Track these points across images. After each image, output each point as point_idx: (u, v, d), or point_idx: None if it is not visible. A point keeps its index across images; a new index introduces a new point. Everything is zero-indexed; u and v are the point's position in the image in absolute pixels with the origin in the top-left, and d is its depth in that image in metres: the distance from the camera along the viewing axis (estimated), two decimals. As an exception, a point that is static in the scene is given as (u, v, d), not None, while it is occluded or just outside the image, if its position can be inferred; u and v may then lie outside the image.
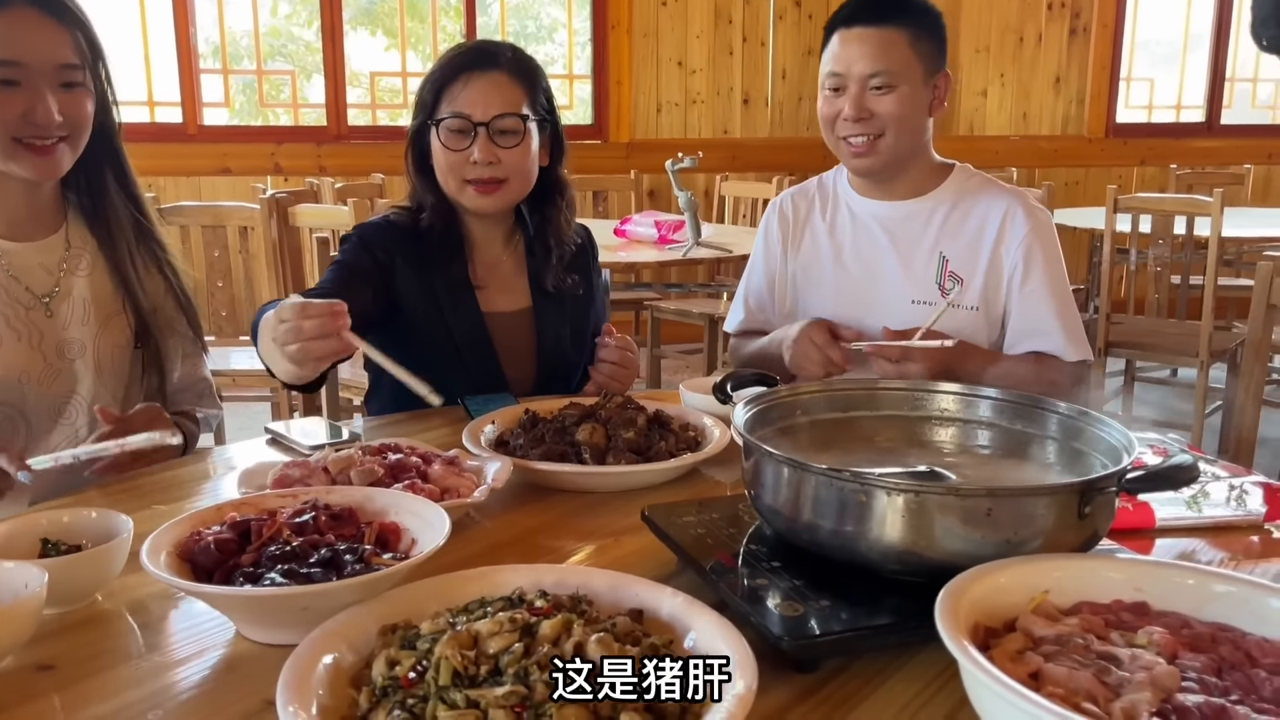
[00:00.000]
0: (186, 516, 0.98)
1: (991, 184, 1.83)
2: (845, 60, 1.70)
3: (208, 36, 5.16)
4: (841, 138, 1.75)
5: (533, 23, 5.76)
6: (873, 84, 1.69)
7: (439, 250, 1.70)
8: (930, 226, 1.80)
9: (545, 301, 1.77)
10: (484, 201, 1.67)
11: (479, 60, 1.65)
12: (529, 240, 1.79)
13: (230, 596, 0.88)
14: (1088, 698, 0.72)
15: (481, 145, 1.62)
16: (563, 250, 1.79)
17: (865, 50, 1.69)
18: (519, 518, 1.24)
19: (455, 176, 1.66)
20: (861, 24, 1.70)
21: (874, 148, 1.73)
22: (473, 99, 1.63)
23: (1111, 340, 3.78)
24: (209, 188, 4.98)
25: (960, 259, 1.77)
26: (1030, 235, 1.75)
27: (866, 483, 0.90)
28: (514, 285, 1.77)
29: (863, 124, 1.71)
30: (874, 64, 1.68)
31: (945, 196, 1.81)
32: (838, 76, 1.72)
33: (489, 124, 1.63)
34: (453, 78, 1.64)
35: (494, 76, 1.64)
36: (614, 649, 0.77)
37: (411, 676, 0.76)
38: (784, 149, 5.64)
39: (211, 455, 1.52)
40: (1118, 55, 6.05)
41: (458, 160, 1.64)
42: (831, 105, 1.74)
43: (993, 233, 1.77)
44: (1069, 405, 1.11)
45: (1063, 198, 5.59)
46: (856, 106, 1.70)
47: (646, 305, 4.44)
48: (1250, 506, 1.18)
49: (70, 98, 1.42)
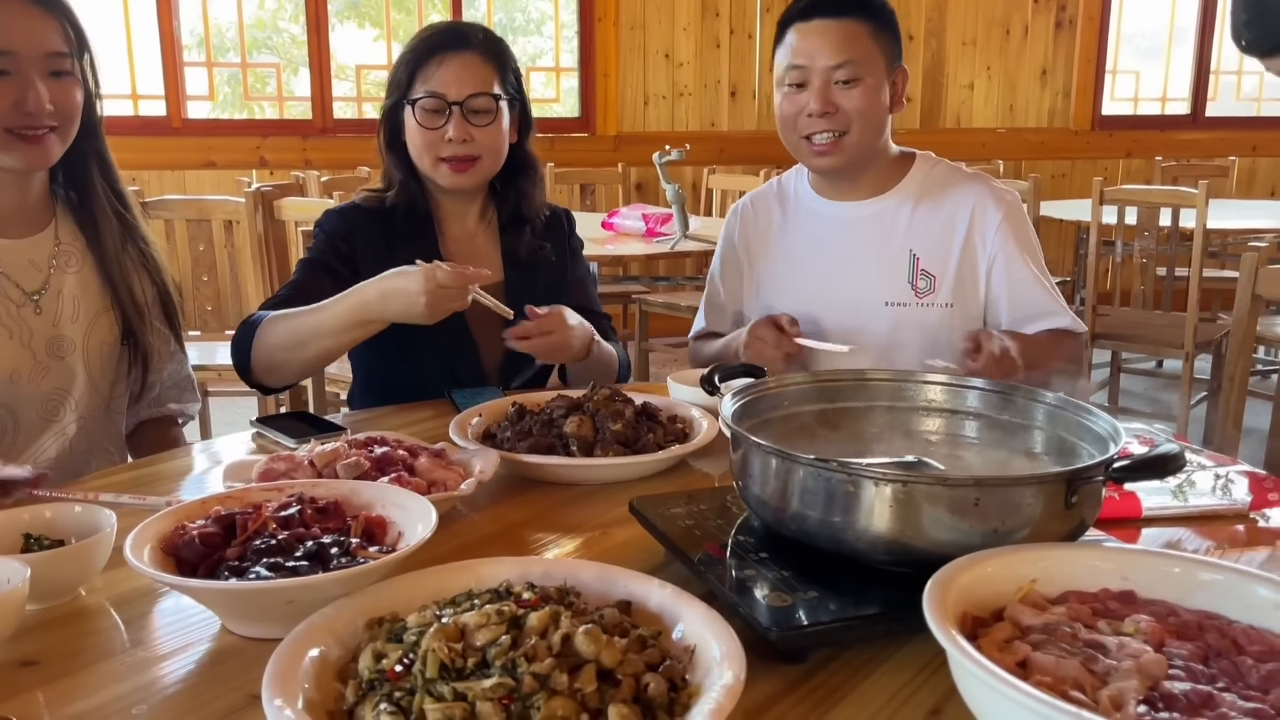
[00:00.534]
0: (170, 510, 0.98)
1: (956, 173, 1.79)
2: (807, 52, 1.65)
3: (192, 29, 5.12)
4: (804, 136, 1.70)
5: (520, 15, 5.73)
6: (838, 76, 1.64)
7: (406, 228, 1.73)
8: (897, 225, 1.75)
9: (518, 275, 1.79)
10: (458, 179, 1.71)
11: (451, 41, 1.69)
12: (502, 216, 1.82)
13: (215, 590, 0.88)
14: (1075, 686, 0.72)
15: (456, 124, 1.66)
16: (535, 222, 1.83)
17: (828, 42, 1.64)
18: (506, 511, 1.23)
19: (430, 154, 1.69)
20: (821, 16, 1.65)
21: (838, 146, 1.68)
22: (447, 79, 1.66)
23: (1098, 332, 3.79)
24: (193, 181, 4.95)
25: (930, 255, 1.73)
26: (1004, 221, 1.72)
27: (854, 473, 0.90)
28: (487, 260, 1.80)
29: (828, 119, 1.66)
30: (838, 54, 1.64)
31: (910, 191, 1.76)
32: (800, 69, 1.66)
33: (463, 103, 1.66)
34: (426, 58, 1.67)
35: (466, 57, 1.68)
36: (601, 641, 0.77)
37: (398, 669, 0.75)
38: (771, 142, 5.57)
39: (196, 450, 1.51)
40: (1103, 48, 6.07)
41: (433, 138, 1.67)
42: (793, 102, 1.69)
43: (963, 224, 1.73)
44: (1056, 395, 1.11)
45: (1049, 190, 5.60)
46: (822, 100, 1.65)
47: (634, 298, 4.43)
48: (1236, 495, 1.19)
49: (59, 86, 1.41)
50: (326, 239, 1.73)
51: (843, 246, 1.78)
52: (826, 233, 1.80)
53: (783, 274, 1.84)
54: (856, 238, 1.77)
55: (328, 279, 1.66)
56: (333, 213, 1.78)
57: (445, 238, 1.78)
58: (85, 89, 1.46)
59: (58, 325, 1.49)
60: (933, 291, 1.73)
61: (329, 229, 1.75)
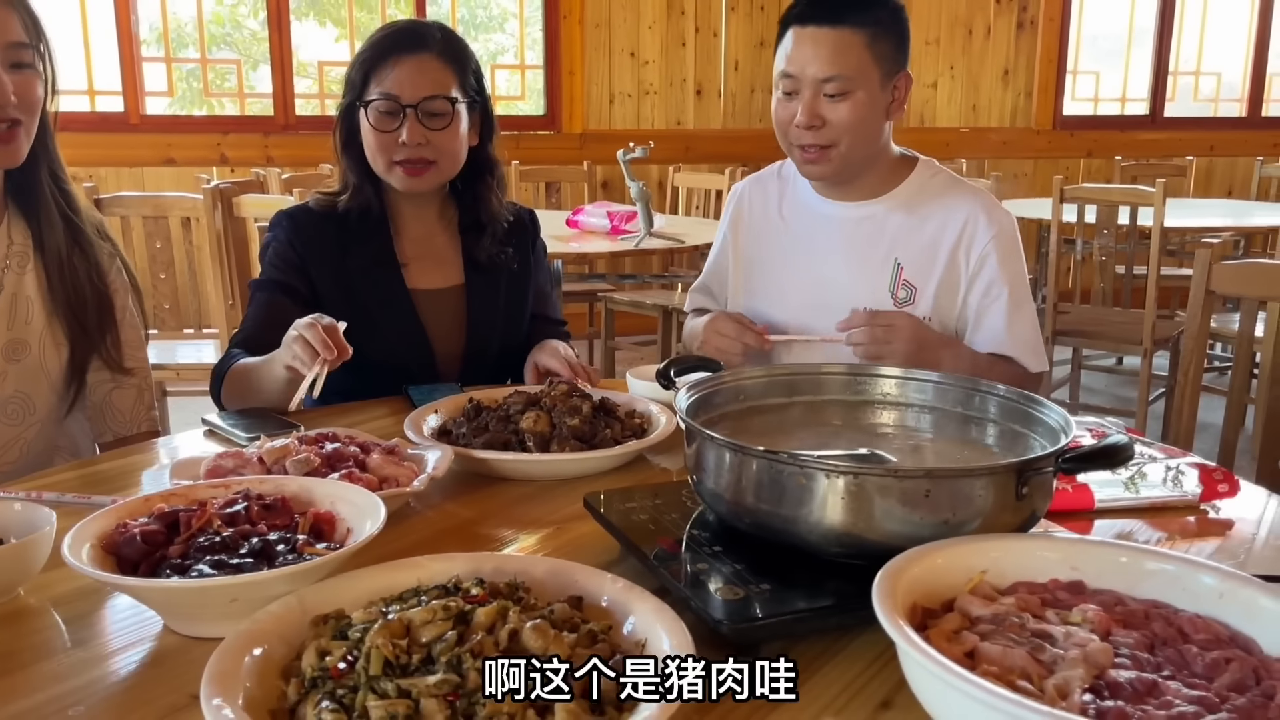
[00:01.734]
0: (112, 508, 0.95)
1: (955, 184, 1.74)
2: (799, 61, 1.60)
3: (150, 23, 5.05)
4: (794, 144, 1.67)
5: (482, 11, 5.71)
6: (826, 89, 1.60)
7: (360, 231, 1.71)
8: (886, 231, 1.72)
9: (479, 278, 1.78)
10: (412, 183, 1.68)
11: (408, 41, 1.65)
12: (463, 218, 1.80)
13: (156, 589, 0.86)
14: (1022, 675, 0.72)
15: (410, 127, 1.63)
16: (495, 226, 1.79)
17: (819, 52, 1.59)
18: (460, 508, 1.22)
19: (384, 157, 1.66)
20: (815, 22, 1.60)
21: (825, 156, 1.64)
22: (401, 81, 1.63)
23: (1058, 329, 3.83)
24: (152, 178, 4.88)
25: (915, 266, 1.69)
26: (992, 242, 1.67)
27: (806, 465, 0.90)
28: (447, 262, 1.78)
29: (814, 132, 1.62)
30: (828, 68, 1.59)
31: (903, 198, 1.72)
32: (791, 79, 1.62)
33: (417, 106, 1.63)
34: (382, 59, 1.64)
35: (423, 58, 1.65)
36: (550, 636, 0.76)
37: (342, 667, 0.74)
38: (737, 140, 5.65)
39: (147, 447, 1.49)
40: (1064, 49, 6.14)
41: (386, 141, 1.64)
42: (785, 109, 1.65)
43: (951, 238, 1.69)
44: (1009, 388, 1.11)
45: (1011, 189, 5.66)
46: (809, 113, 1.61)
47: (600, 297, 4.42)
48: (1186, 487, 1.20)
49: (21, 79, 1.37)
50: (275, 254, 1.71)
51: (830, 246, 1.75)
52: (817, 230, 1.77)
53: (767, 262, 1.82)
54: (844, 239, 1.74)
55: (286, 299, 1.66)
56: (282, 215, 1.75)
57: (401, 239, 1.75)
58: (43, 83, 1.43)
59: (13, 328, 1.46)
60: (912, 303, 1.69)
61: (277, 240, 1.72)
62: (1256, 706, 0.71)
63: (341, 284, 1.69)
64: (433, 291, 1.75)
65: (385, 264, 1.71)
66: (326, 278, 1.69)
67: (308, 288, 1.69)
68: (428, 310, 1.73)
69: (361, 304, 1.66)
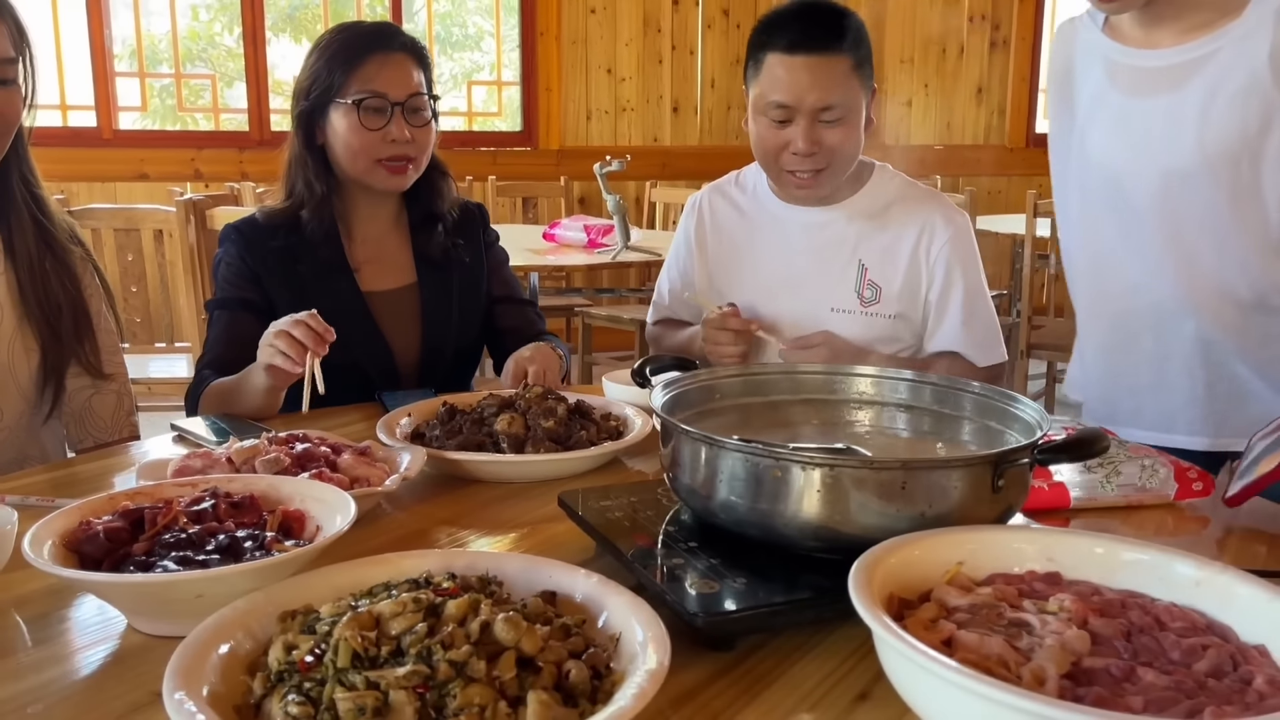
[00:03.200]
0: (75, 506, 0.93)
1: (912, 188, 1.80)
2: (795, 92, 1.60)
3: (124, 39, 5.02)
4: (786, 170, 1.68)
5: (458, 29, 5.71)
6: (824, 117, 1.62)
7: (312, 236, 1.70)
8: (849, 233, 1.76)
9: (430, 275, 1.78)
10: (395, 180, 1.69)
11: (383, 40, 1.66)
12: (413, 217, 1.80)
13: (118, 584, 0.84)
14: (999, 662, 0.71)
15: (398, 124, 1.64)
16: (446, 221, 1.81)
17: (817, 81, 1.60)
18: (433, 509, 1.20)
19: (367, 156, 1.65)
20: (806, 52, 1.60)
21: (818, 179, 1.68)
22: (389, 79, 1.64)
23: (1033, 343, 3.86)
24: (125, 193, 4.84)
25: (878, 267, 1.74)
26: (950, 243, 1.73)
27: (782, 458, 0.89)
28: (398, 262, 1.78)
29: (813, 158, 1.65)
30: (826, 97, 1.61)
31: (864, 204, 1.77)
32: (785, 108, 1.62)
33: (404, 103, 1.64)
34: (361, 56, 1.64)
35: (399, 56, 1.66)
36: (522, 629, 0.75)
37: (309, 660, 0.72)
38: (713, 156, 5.66)
39: (118, 452, 1.46)
40: (1036, 68, 6.22)
41: (373, 140, 1.64)
42: (777, 136, 1.66)
43: (911, 239, 1.74)
44: (984, 385, 1.11)
45: (985, 205, 5.70)
46: (809, 140, 1.62)
47: (578, 311, 4.41)
48: (1161, 484, 1.20)
49: (4, 95, 1.36)
50: (228, 269, 1.70)
51: (795, 250, 1.79)
52: (781, 235, 1.81)
53: (732, 269, 1.85)
54: (809, 243, 1.78)
55: (248, 315, 1.65)
56: (230, 228, 1.74)
57: (353, 243, 1.75)
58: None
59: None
60: (878, 302, 1.74)
61: (228, 255, 1.71)
62: (1234, 691, 0.70)
63: (295, 292, 1.66)
64: (386, 293, 1.75)
65: (338, 269, 1.71)
66: (280, 287, 1.68)
67: (264, 300, 1.68)
68: (383, 312, 1.73)
69: (315, 308, 1.65)
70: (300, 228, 1.69)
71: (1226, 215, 1.41)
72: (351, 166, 1.67)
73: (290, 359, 1.38)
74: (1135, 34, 1.48)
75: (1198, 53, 1.40)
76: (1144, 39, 1.47)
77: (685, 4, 5.60)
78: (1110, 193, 1.52)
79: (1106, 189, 1.52)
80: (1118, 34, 1.51)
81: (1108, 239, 1.55)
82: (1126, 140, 1.48)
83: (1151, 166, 1.45)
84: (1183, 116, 1.41)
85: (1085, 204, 1.59)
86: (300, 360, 1.37)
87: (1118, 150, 1.50)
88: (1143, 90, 1.46)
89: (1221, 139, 1.38)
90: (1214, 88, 1.39)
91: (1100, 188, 1.54)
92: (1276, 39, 1.34)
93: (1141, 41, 1.47)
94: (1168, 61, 1.43)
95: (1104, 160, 1.52)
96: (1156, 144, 1.44)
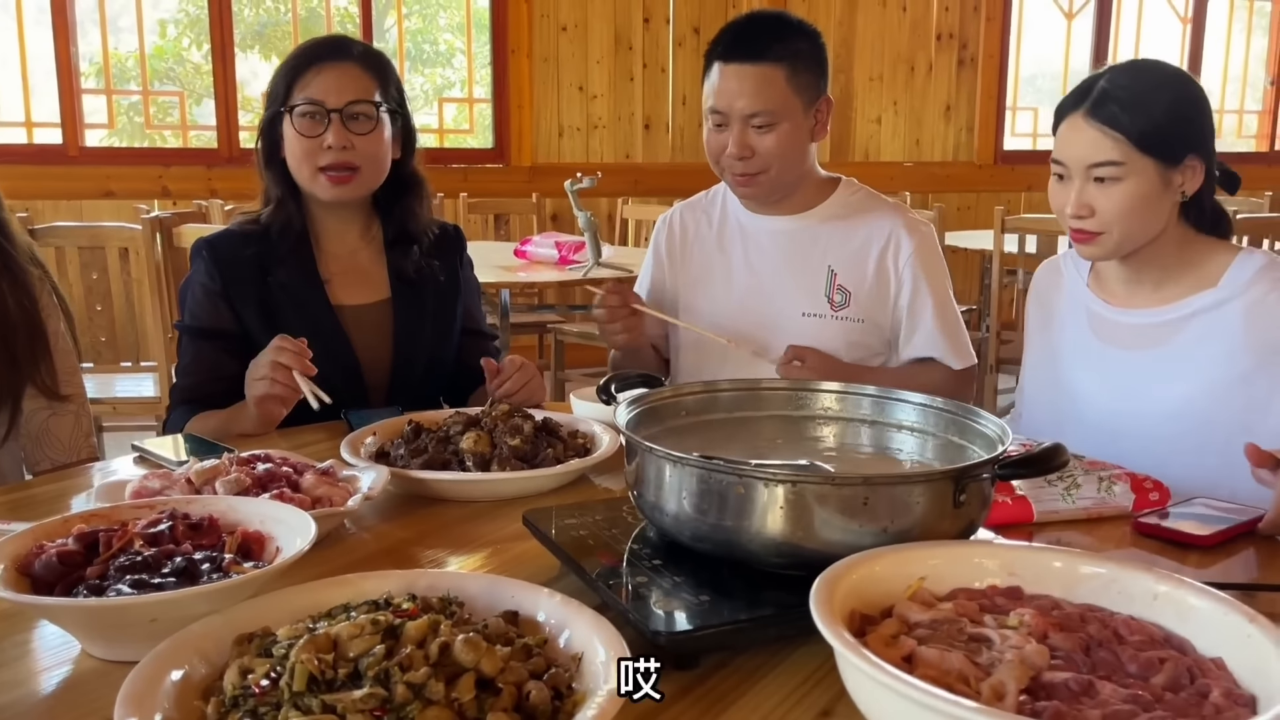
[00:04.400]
0: (28, 529, 0.92)
1: (875, 199, 1.87)
2: (726, 98, 1.69)
3: (91, 56, 4.98)
4: (726, 170, 1.77)
5: (429, 47, 5.71)
6: (754, 123, 1.69)
7: (282, 249, 1.70)
8: (818, 240, 1.82)
9: (404, 293, 1.77)
10: (337, 191, 1.66)
11: (330, 50, 1.67)
12: (387, 233, 1.79)
13: (67, 608, 0.82)
14: (959, 678, 0.71)
15: (335, 131, 1.63)
16: (421, 241, 1.80)
17: (745, 88, 1.68)
18: (396, 529, 1.19)
19: (309, 164, 1.65)
20: (738, 60, 1.68)
21: (755, 181, 1.75)
22: (326, 86, 1.64)
23: (1002, 357, 3.88)
24: (91, 211, 4.79)
25: (846, 272, 1.80)
26: (915, 252, 1.79)
27: (745, 474, 0.89)
28: (372, 278, 1.77)
29: (745, 161, 1.72)
30: (753, 104, 1.68)
31: (831, 211, 1.84)
32: (719, 114, 1.71)
33: (342, 110, 1.63)
34: (305, 67, 1.65)
35: (345, 66, 1.66)
36: (482, 650, 0.74)
37: (265, 684, 0.71)
38: (685, 174, 5.68)
39: (76, 474, 1.44)
40: (1003, 86, 6.30)
41: (311, 147, 1.63)
42: (716, 139, 1.74)
43: (878, 246, 1.80)
44: (947, 401, 1.12)
45: (954, 221, 5.75)
46: (739, 145, 1.70)
47: (550, 328, 4.40)
48: (1118, 497, 1.21)
49: None
50: (199, 289, 1.69)
51: (765, 258, 1.84)
52: (751, 244, 1.86)
53: (705, 282, 1.89)
54: (779, 251, 1.84)
55: (216, 344, 1.67)
56: (202, 243, 1.73)
57: (325, 256, 1.74)
58: None
59: None
60: (847, 306, 1.79)
61: (198, 273, 1.70)
62: (1191, 704, 0.71)
63: (264, 303, 1.68)
64: (358, 307, 1.74)
65: (308, 280, 1.70)
66: (249, 298, 1.68)
67: (233, 321, 1.68)
68: (353, 326, 1.72)
69: (285, 321, 1.65)
70: (271, 239, 1.70)
71: (1220, 445, 1.43)
72: (298, 175, 1.67)
73: (284, 384, 1.43)
74: (1118, 290, 1.56)
75: (1175, 315, 1.48)
76: (1125, 297, 1.54)
77: (656, 22, 5.63)
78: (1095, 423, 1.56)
79: (1093, 419, 1.57)
80: (1102, 288, 1.58)
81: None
82: (1112, 385, 1.54)
83: (1142, 408, 1.50)
84: (1169, 370, 1.48)
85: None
86: (293, 382, 1.43)
87: (1106, 394, 1.54)
88: (1126, 344, 1.53)
89: (1210, 389, 1.45)
90: (1196, 344, 1.46)
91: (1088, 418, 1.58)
92: (1248, 307, 1.42)
93: (1123, 300, 1.54)
94: (1149, 320, 1.51)
95: (1092, 401, 1.56)
96: (1146, 390, 1.50)
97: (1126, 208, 1.40)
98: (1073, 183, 1.43)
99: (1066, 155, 1.44)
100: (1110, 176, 1.40)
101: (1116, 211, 1.40)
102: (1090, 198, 1.42)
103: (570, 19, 5.49)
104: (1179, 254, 1.48)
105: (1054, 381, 1.63)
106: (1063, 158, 1.44)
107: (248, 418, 1.52)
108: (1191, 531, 1.15)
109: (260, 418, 1.50)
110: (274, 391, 1.44)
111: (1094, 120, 1.40)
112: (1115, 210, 1.40)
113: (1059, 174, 1.46)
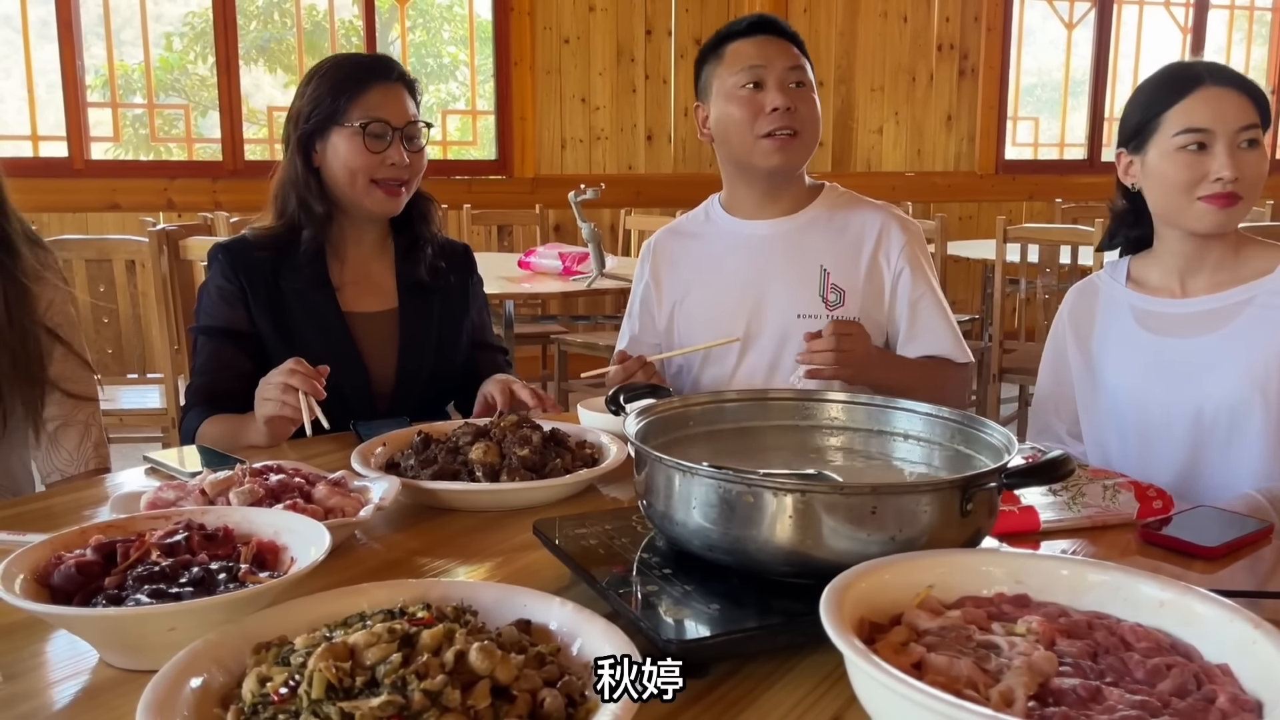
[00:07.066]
0: (46, 540, 0.93)
1: (861, 199, 1.90)
2: (766, 55, 1.75)
3: (97, 69, 5.01)
4: (762, 135, 1.75)
5: (432, 60, 5.75)
6: (792, 78, 1.75)
7: (296, 255, 1.74)
8: (808, 240, 1.84)
9: (412, 303, 1.82)
10: (389, 203, 1.75)
11: (382, 70, 1.75)
12: (399, 244, 1.85)
13: (86, 618, 0.83)
14: (968, 684, 0.72)
15: (397, 148, 1.71)
16: (433, 244, 1.86)
17: (785, 49, 1.77)
18: (408, 539, 1.21)
19: (366, 176, 1.71)
20: (764, 34, 1.79)
21: (794, 143, 1.76)
22: (390, 105, 1.72)
23: (1005, 367, 3.89)
24: (96, 224, 4.81)
25: (839, 270, 1.82)
26: (909, 246, 1.82)
27: (753, 484, 0.90)
28: (381, 287, 1.83)
29: (789, 115, 1.74)
30: (793, 59, 1.77)
31: (819, 213, 1.86)
32: (758, 69, 1.75)
33: (403, 128, 1.71)
34: (362, 84, 1.71)
35: (396, 86, 1.74)
36: (497, 658, 0.75)
37: (283, 692, 0.72)
38: (687, 184, 5.70)
39: (89, 485, 1.45)
40: (1004, 96, 6.32)
41: (374, 161, 1.70)
42: (752, 102, 1.75)
43: (870, 244, 1.82)
44: (953, 411, 1.13)
45: (956, 231, 5.77)
46: (785, 94, 1.74)
47: (553, 338, 4.42)
48: (1123, 505, 1.22)
49: None
50: (216, 291, 1.73)
51: (758, 261, 1.85)
52: (741, 249, 1.87)
53: (697, 295, 1.90)
54: (770, 253, 1.85)
55: (230, 345, 1.70)
56: (218, 247, 1.77)
57: (338, 264, 1.79)
58: None
59: None
60: (842, 305, 1.81)
61: (214, 276, 1.74)
62: (1198, 710, 0.72)
63: (276, 307, 1.72)
64: (367, 315, 1.79)
65: (320, 287, 1.75)
66: (262, 301, 1.72)
67: (248, 322, 1.72)
68: (362, 333, 1.77)
69: (296, 326, 1.71)
70: (287, 247, 1.74)
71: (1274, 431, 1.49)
72: (350, 187, 1.72)
73: (293, 408, 1.47)
74: (1167, 284, 1.59)
75: (1233, 300, 1.52)
76: (1177, 289, 1.58)
77: (658, 34, 5.66)
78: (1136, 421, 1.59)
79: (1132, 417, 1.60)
80: (1143, 287, 1.62)
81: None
82: (1162, 375, 1.57)
83: (1193, 395, 1.53)
84: (1224, 352, 1.51)
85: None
86: (300, 406, 1.47)
87: (1159, 386, 1.57)
88: (1178, 332, 1.56)
89: (1263, 372, 1.48)
90: (1254, 328, 1.49)
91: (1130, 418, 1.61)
92: None
93: (1175, 292, 1.58)
94: (1205, 307, 1.55)
95: (1132, 396, 1.59)
96: (1198, 378, 1.53)
97: (1264, 171, 1.48)
98: (1215, 149, 1.46)
99: (1214, 121, 1.47)
100: (1254, 139, 1.47)
101: (1257, 174, 1.47)
102: (1240, 160, 1.46)
103: (572, 31, 5.52)
104: (1236, 240, 1.55)
105: (1094, 387, 1.66)
106: (1208, 124, 1.47)
107: (256, 431, 1.55)
108: (1197, 542, 1.16)
109: (268, 434, 1.54)
110: (282, 414, 1.49)
111: (1230, 87, 1.47)
112: (1256, 173, 1.47)
113: (1200, 142, 1.48)
